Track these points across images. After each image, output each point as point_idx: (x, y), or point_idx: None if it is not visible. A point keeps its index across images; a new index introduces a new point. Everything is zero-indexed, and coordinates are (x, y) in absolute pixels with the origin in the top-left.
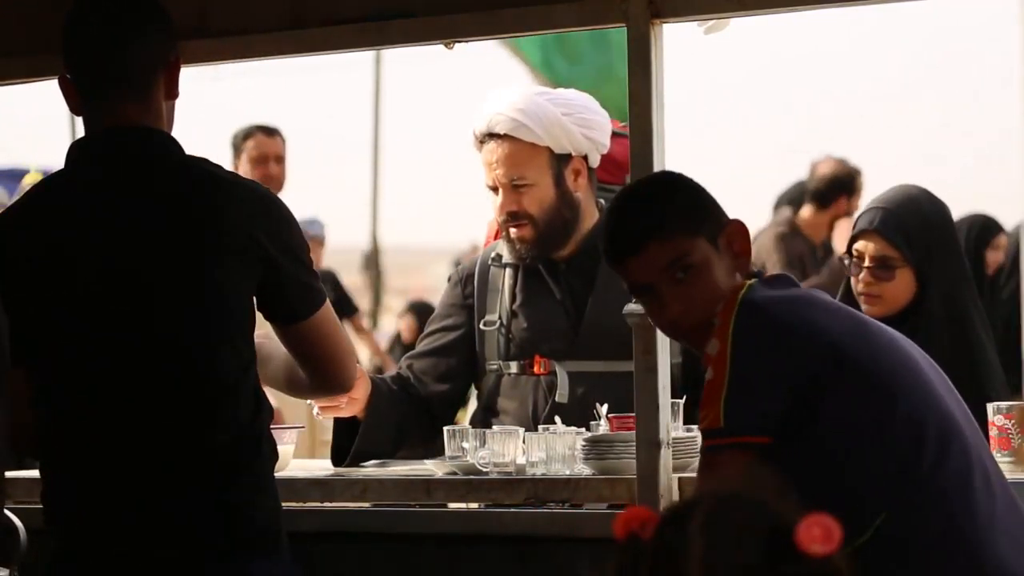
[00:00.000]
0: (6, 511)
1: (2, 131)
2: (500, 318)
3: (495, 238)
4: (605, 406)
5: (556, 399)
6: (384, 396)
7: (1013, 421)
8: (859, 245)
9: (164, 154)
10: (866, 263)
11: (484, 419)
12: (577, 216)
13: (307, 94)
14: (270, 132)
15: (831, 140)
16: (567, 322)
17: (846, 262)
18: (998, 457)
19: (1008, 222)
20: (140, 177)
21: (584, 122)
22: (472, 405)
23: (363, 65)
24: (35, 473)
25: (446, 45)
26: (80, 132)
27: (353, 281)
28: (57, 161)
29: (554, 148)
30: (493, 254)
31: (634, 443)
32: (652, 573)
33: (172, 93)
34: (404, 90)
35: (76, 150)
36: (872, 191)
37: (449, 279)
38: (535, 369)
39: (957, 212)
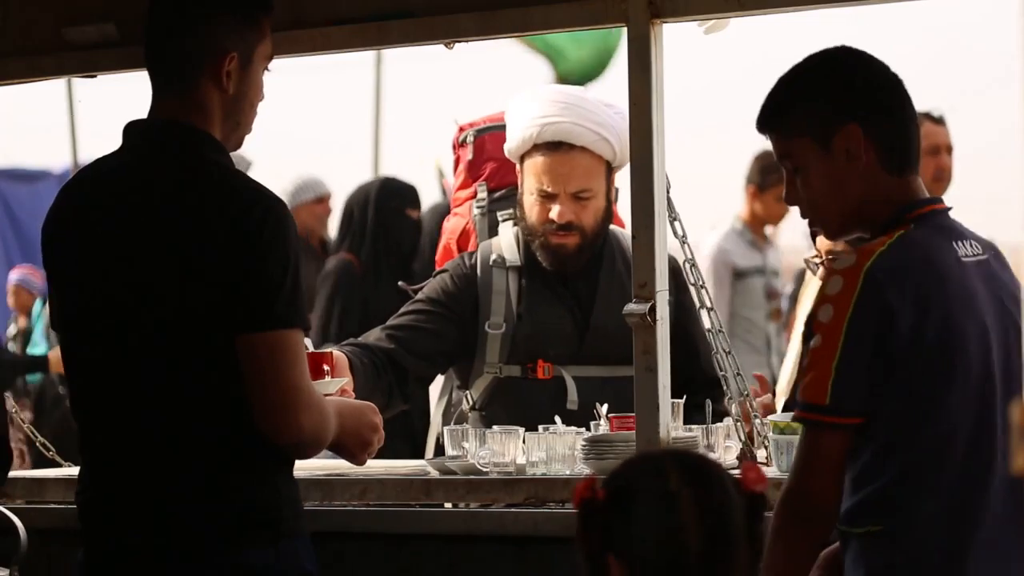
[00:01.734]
0: (6, 511)
1: (2, 131)
2: (504, 321)
3: (458, 248)
4: (605, 406)
5: (568, 406)
6: (364, 377)
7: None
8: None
9: (178, 153)
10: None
11: (479, 421)
12: (609, 225)
13: (307, 94)
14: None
15: None
16: (573, 327)
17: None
18: None
19: (1008, 222)
20: (149, 173)
21: None
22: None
23: (363, 65)
24: (35, 473)
25: (446, 45)
26: (80, 132)
27: None
28: (57, 161)
29: (613, 162)
30: (494, 256)
31: (634, 443)
32: (605, 526)
33: (223, 88)
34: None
35: (124, 134)
36: None
37: (444, 270)
38: (538, 373)
39: (957, 212)
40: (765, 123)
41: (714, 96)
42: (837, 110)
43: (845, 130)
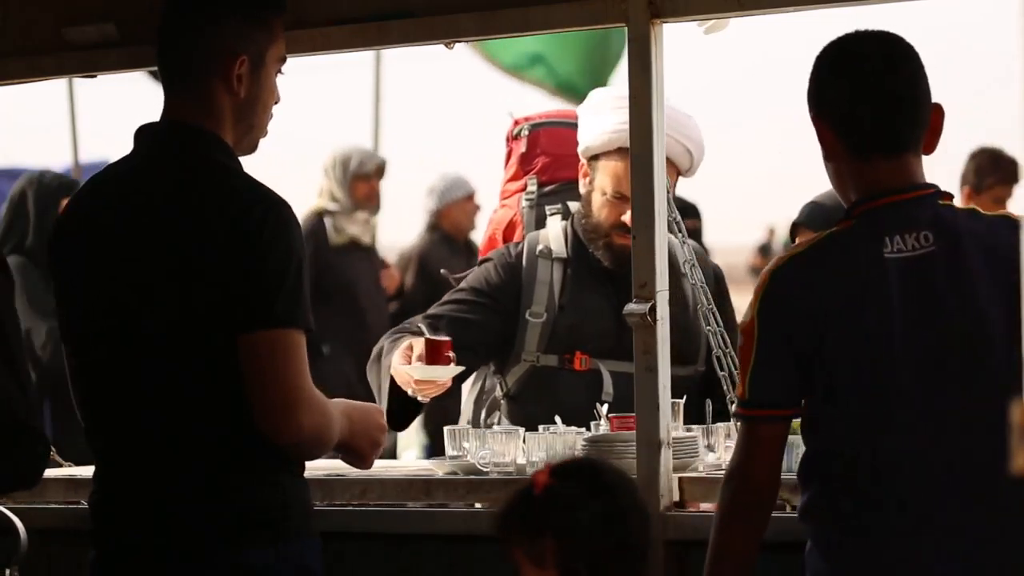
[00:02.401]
0: (6, 511)
1: (2, 131)
2: (546, 310)
3: (503, 239)
4: (605, 406)
5: (603, 398)
6: None
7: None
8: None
9: (180, 154)
10: None
11: (512, 408)
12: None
13: (307, 94)
14: None
15: None
16: (613, 321)
17: None
18: None
19: None
20: (154, 175)
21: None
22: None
23: (363, 65)
24: None
25: (446, 45)
26: (79, 133)
27: None
28: (57, 161)
29: (685, 171)
30: (541, 247)
31: (634, 443)
32: (540, 518)
33: (234, 91)
34: (404, 90)
35: (134, 138)
36: None
37: (488, 259)
38: (575, 364)
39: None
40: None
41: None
42: (811, 102)
43: (816, 125)
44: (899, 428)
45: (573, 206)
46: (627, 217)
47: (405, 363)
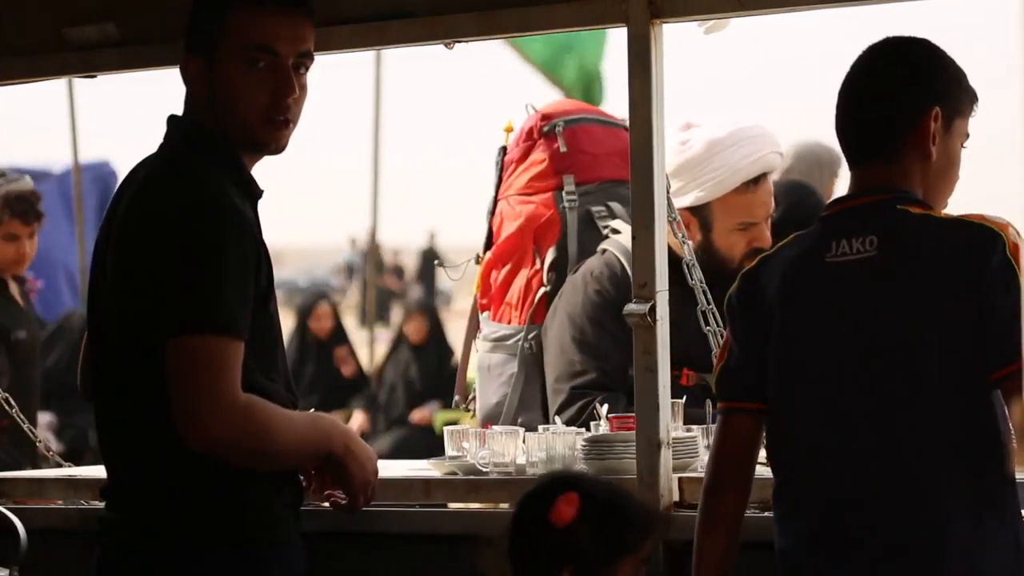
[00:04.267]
0: (6, 511)
1: (2, 131)
2: None
3: (535, 237)
4: (606, 406)
5: (709, 414)
6: None
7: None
8: None
9: (162, 143)
10: None
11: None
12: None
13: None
14: None
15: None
16: (714, 340)
17: None
18: None
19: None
20: (139, 168)
21: None
22: None
23: (363, 65)
24: (35, 473)
25: (446, 45)
26: (79, 132)
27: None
28: (57, 161)
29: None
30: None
31: (634, 443)
32: (563, 554)
33: (188, 88)
34: (404, 90)
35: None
36: None
37: (592, 274)
38: (683, 380)
39: (956, 211)
40: None
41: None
42: None
43: None
44: (807, 429)
45: (615, 207)
46: (760, 240)
47: None
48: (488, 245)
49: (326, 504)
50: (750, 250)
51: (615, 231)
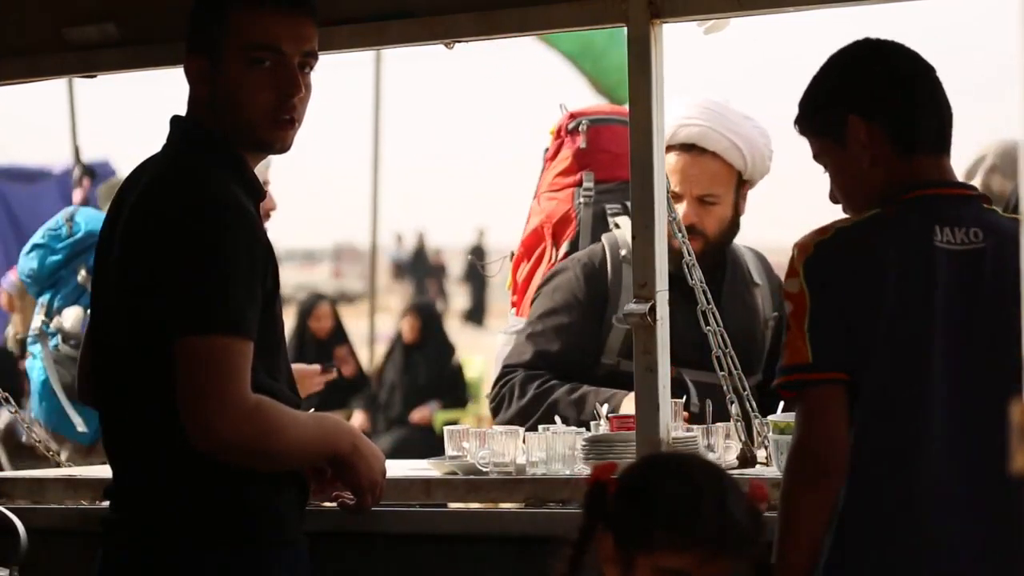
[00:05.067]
0: (6, 511)
1: (2, 131)
2: None
3: (553, 232)
4: (606, 406)
5: (691, 409)
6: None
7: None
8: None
9: (166, 144)
10: None
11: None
12: (735, 236)
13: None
14: None
15: None
16: (697, 332)
17: None
18: None
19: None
20: (143, 168)
21: (772, 153)
22: None
23: (363, 65)
24: (35, 473)
25: (446, 45)
26: (79, 133)
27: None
28: (57, 161)
29: (743, 173)
30: (624, 252)
31: (634, 443)
32: (616, 514)
33: (192, 87)
34: (405, 90)
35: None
36: None
37: (564, 269)
38: None
39: None
40: (799, 128)
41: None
42: (839, 105)
43: (851, 121)
44: (924, 417)
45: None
46: (681, 214)
47: None
48: None
49: (329, 504)
50: (685, 225)
51: (617, 225)
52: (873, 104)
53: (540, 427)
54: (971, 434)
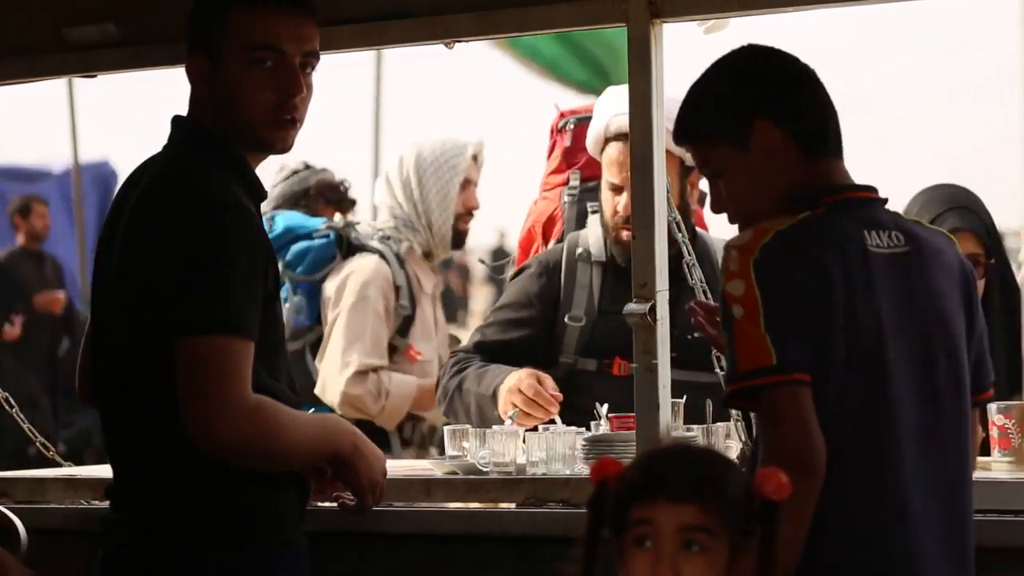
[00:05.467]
0: (6, 511)
1: (2, 131)
2: (586, 314)
3: (543, 232)
4: (605, 406)
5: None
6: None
7: (1013, 421)
8: None
9: (167, 144)
10: None
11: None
12: (687, 226)
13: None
14: None
15: None
16: (682, 332)
17: None
18: (997, 456)
19: (1008, 223)
20: (144, 168)
21: None
22: None
23: (364, 65)
24: (35, 473)
25: (446, 45)
26: (79, 132)
27: None
28: (57, 161)
29: (685, 160)
30: (580, 250)
31: (634, 443)
32: (616, 511)
33: (193, 87)
34: (405, 90)
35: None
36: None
37: (527, 267)
38: (614, 370)
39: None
40: (682, 136)
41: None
42: (746, 109)
43: (758, 127)
44: (890, 419)
45: None
46: (620, 205)
47: (534, 384)
48: None
49: (328, 504)
50: (625, 215)
51: (584, 226)
52: (781, 108)
53: (540, 427)
54: (935, 436)
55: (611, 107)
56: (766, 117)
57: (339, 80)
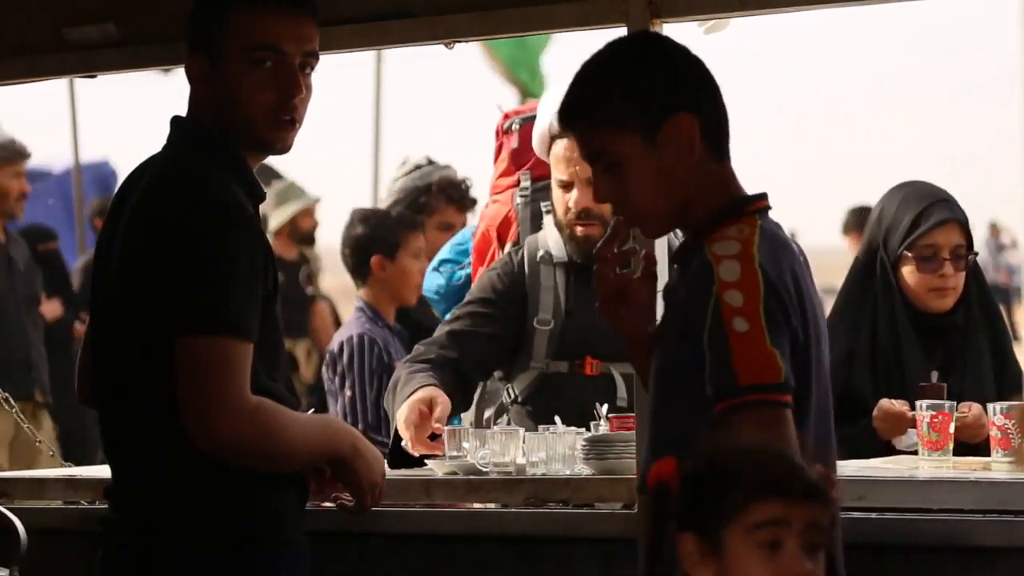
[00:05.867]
0: (6, 511)
1: (2, 131)
2: (553, 317)
3: (498, 235)
4: (605, 406)
5: (617, 403)
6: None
7: (1013, 421)
8: (937, 238)
9: (166, 144)
10: (945, 255)
11: (521, 414)
12: None
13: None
14: None
15: (831, 139)
16: None
17: (909, 256)
18: (997, 456)
19: (1008, 222)
20: (144, 168)
21: None
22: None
23: (364, 64)
24: (35, 473)
25: (446, 45)
26: (79, 132)
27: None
28: (57, 161)
29: None
30: (541, 252)
31: (634, 443)
32: (681, 515)
33: (194, 86)
34: (406, 89)
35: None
36: (873, 190)
37: (493, 269)
38: (586, 370)
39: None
40: (574, 117)
41: None
42: (666, 99)
43: (675, 120)
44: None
45: None
46: (571, 201)
47: (415, 420)
48: None
49: (329, 504)
50: (577, 211)
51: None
52: (704, 103)
53: (540, 427)
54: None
55: (555, 105)
56: (687, 110)
57: (339, 80)
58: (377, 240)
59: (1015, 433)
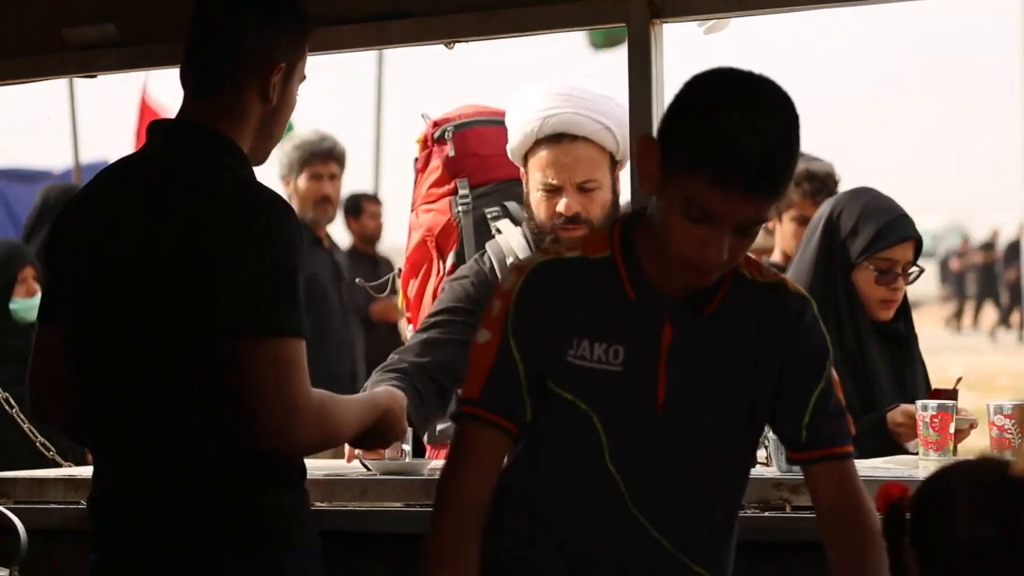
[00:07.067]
0: (6, 511)
1: (2, 131)
2: None
3: (437, 244)
4: None
5: None
6: (414, 407)
7: (1013, 421)
8: (895, 253)
9: (184, 153)
10: (899, 270)
11: None
12: None
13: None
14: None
15: (831, 140)
16: None
17: (870, 269)
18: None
19: (1008, 222)
20: (158, 175)
21: None
22: None
23: (365, 64)
24: (35, 473)
25: (446, 45)
26: (80, 132)
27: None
28: (57, 161)
29: (615, 154)
30: (510, 259)
31: None
32: (914, 539)
33: (265, 97)
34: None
35: (147, 133)
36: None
37: (464, 276)
38: None
39: (957, 213)
40: (778, 183)
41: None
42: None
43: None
44: None
45: (511, 206)
46: (562, 206)
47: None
48: None
49: (328, 504)
50: (557, 217)
51: (499, 231)
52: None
53: None
54: None
55: (541, 106)
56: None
57: (341, 79)
58: None
59: (1015, 433)
